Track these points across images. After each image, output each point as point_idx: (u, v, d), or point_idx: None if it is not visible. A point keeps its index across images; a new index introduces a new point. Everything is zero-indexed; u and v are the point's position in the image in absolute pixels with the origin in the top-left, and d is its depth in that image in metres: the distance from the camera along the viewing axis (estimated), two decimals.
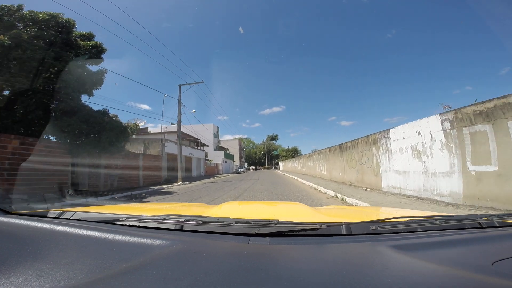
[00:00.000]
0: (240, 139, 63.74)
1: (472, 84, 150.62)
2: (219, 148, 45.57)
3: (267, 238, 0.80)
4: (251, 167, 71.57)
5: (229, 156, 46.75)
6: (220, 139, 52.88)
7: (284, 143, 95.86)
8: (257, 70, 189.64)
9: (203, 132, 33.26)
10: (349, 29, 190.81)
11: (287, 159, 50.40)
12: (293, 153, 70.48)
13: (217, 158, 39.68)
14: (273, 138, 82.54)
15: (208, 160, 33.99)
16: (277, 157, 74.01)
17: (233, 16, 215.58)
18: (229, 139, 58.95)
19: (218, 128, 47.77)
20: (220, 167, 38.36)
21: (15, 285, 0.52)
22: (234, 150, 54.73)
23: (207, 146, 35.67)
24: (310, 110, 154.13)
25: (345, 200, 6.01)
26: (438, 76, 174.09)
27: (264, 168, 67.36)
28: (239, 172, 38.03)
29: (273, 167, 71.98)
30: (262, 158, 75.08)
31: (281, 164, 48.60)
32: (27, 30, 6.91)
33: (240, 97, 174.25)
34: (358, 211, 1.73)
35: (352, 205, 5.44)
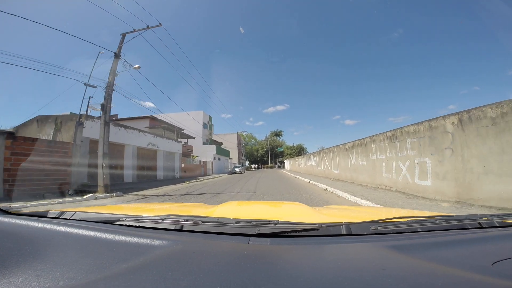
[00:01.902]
0: (239, 134, 54.73)
1: (480, 84, 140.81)
2: (211, 141, 36.72)
3: (267, 238, 0.81)
4: (252, 166, 63.47)
5: (223, 152, 38.26)
6: (216, 133, 44.18)
7: (287, 141, 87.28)
8: (261, 69, 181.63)
9: (189, 121, 24.61)
10: (352, 29, 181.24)
11: (293, 156, 41.93)
12: (299, 151, 62.54)
13: (207, 153, 31.52)
14: (277, 134, 74.53)
15: (193, 156, 25.28)
16: (282, 154, 65.85)
17: (234, 15, 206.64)
18: (227, 133, 50.22)
19: (210, 117, 39.26)
20: (209, 166, 30.17)
21: (14, 285, 0.54)
22: (232, 146, 46.04)
23: (193, 138, 27.16)
24: (314, 108, 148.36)
25: None
26: (444, 76, 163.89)
27: (267, 167, 58.99)
28: (235, 173, 29.80)
29: (276, 166, 63.71)
30: (265, 155, 67.09)
31: (287, 163, 40.29)
32: None
33: (244, 95, 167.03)
34: (358, 211, 1.70)
35: None
